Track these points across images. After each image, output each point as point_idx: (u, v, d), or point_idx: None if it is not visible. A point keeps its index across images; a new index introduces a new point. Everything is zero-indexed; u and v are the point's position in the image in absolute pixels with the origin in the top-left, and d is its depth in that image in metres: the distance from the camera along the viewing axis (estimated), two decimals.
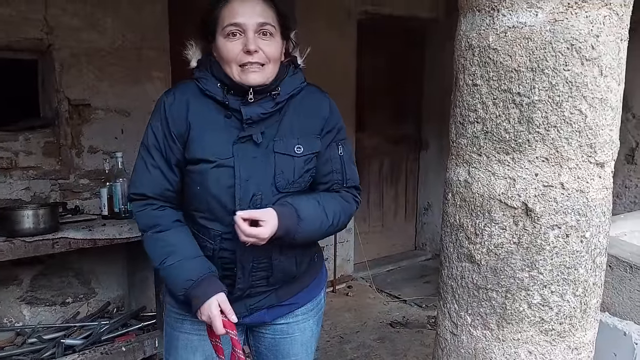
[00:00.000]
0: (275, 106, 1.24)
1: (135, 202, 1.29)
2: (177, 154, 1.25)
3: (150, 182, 1.26)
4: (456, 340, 1.19)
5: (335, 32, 3.56)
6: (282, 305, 1.35)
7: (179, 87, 1.29)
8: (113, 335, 2.51)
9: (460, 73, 1.13)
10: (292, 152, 1.24)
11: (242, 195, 1.21)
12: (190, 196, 1.27)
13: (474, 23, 1.08)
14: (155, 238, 1.26)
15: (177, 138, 1.24)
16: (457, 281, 1.18)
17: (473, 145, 1.11)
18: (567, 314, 1.09)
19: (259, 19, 1.20)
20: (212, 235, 1.25)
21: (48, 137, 2.62)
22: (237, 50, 1.20)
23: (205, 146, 1.22)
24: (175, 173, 1.26)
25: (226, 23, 1.20)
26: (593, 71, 1.00)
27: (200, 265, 1.23)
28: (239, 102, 1.23)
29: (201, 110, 1.24)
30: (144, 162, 1.27)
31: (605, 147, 1.05)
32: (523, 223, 1.06)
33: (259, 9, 1.21)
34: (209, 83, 1.24)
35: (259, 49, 1.19)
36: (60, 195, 2.65)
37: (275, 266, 1.27)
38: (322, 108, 1.31)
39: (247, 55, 1.19)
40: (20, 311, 2.63)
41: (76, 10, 2.57)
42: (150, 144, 1.26)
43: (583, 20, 0.99)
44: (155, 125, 1.26)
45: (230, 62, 1.21)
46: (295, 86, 1.28)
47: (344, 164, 1.33)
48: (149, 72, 2.81)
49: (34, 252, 2.17)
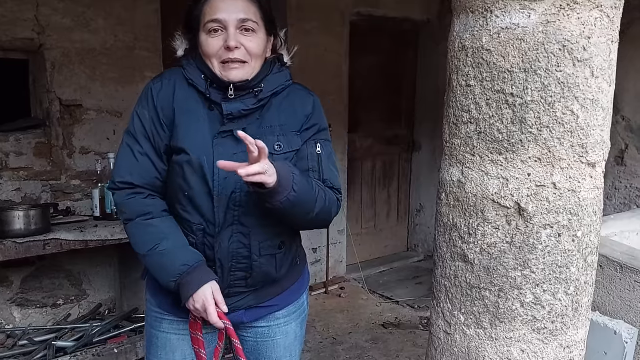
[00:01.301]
0: (257, 103, 1.23)
1: (120, 191, 1.24)
2: (164, 141, 1.23)
3: (139, 170, 1.22)
4: (449, 339, 1.20)
5: (328, 33, 3.57)
6: (261, 306, 1.33)
7: (165, 74, 1.28)
8: (105, 337, 2.49)
9: (453, 74, 1.14)
10: (271, 150, 1.21)
11: (220, 192, 1.19)
12: (173, 187, 1.24)
13: (467, 24, 1.09)
14: (146, 224, 1.22)
15: (165, 124, 1.22)
16: (450, 280, 1.18)
17: (466, 145, 1.12)
18: (559, 313, 1.10)
19: (240, 14, 1.19)
20: (194, 229, 1.23)
21: (39, 137, 2.60)
22: (217, 46, 1.19)
23: (186, 135, 1.21)
24: (163, 161, 1.24)
25: (207, 19, 1.20)
26: (584, 72, 1.01)
27: (193, 253, 1.22)
28: (220, 96, 1.22)
29: (185, 98, 1.23)
30: (130, 149, 1.23)
31: (596, 147, 1.06)
32: (516, 222, 1.07)
33: (240, 4, 1.20)
34: (194, 73, 1.24)
35: (240, 45, 1.19)
36: (51, 196, 2.63)
37: (255, 267, 1.25)
38: (305, 105, 1.30)
39: (227, 52, 1.19)
40: (11, 313, 2.61)
41: (67, 9, 2.56)
42: (137, 130, 1.23)
43: (575, 21, 1.00)
44: (142, 112, 1.24)
45: (212, 58, 1.21)
46: (279, 83, 1.27)
47: (321, 162, 1.28)
48: (142, 72, 2.81)
49: (24, 253, 2.15)
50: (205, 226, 1.22)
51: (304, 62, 3.50)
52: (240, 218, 1.22)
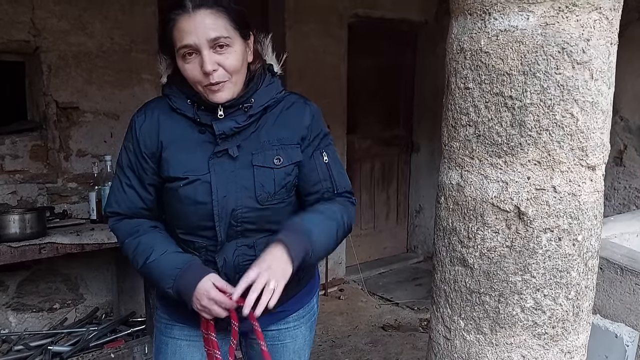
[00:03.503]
0: (248, 119, 1.20)
1: (110, 219, 1.29)
2: (150, 173, 1.23)
3: (125, 201, 1.26)
4: (449, 345, 1.19)
5: (327, 35, 3.56)
6: (273, 312, 1.31)
7: (149, 106, 1.25)
8: (102, 342, 2.48)
9: (452, 76, 1.13)
10: (271, 164, 1.19)
11: (220, 211, 1.18)
12: (171, 213, 1.25)
13: (465, 26, 1.08)
14: (137, 242, 1.23)
15: (149, 157, 1.22)
16: (450, 285, 1.17)
17: (465, 149, 1.11)
18: (560, 318, 1.09)
19: (210, 33, 1.11)
20: (197, 247, 1.23)
21: (35, 140, 2.59)
22: (196, 71, 1.14)
23: (179, 164, 1.19)
24: (149, 192, 1.25)
25: (178, 45, 1.13)
26: (584, 75, 1.00)
27: (184, 256, 1.21)
28: (210, 117, 1.19)
29: (173, 128, 1.21)
30: (119, 181, 1.27)
31: (596, 150, 1.05)
32: (516, 226, 1.06)
33: (208, 21, 1.11)
34: (179, 100, 1.20)
35: (217, 67, 1.13)
36: (47, 199, 2.62)
37: None
38: (303, 117, 1.26)
39: (206, 77, 1.13)
40: (6, 318, 2.59)
41: (64, 12, 2.54)
42: (124, 164, 1.26)
43: (574, 24, 0.99)
44: (127, 145, 1.25)
45: (195, 84, 1.16)
46: (270, 97, 1.22)
47: (330, 170, 1.28)
48: (139, 74, 2.79)
49: (20, 257, 2.13)
50: (208, 244, 1.22)
51: (303, 65, 3.50)
52: (243, 232, 1.21)
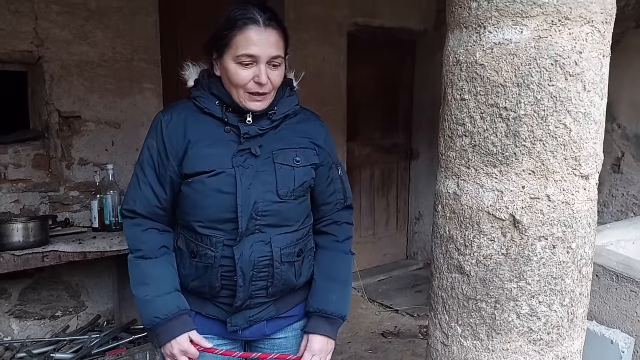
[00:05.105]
0: (271, 123, 1.28)
1: (125, 219, 1.32)
2: (170, 172, 1.27)
3: (141, 198, 1.28)
4: (447, 351, 1.20)
5: (326, 43, 3.60)
6: (282, 317, 1.36)
7: (176, 107, 1.30)
8: (103, 349, 2.49)
9: (448, 87, 1.15)
10: (291, 163, 1.28)
11: (243, 202, 1.22)
12: (190, 206, 1.27)
13: (461, 39, 1.11)
14: (135, 264, 1.29)
15: (172, 156, 1.26)
16: (447, 292, 1.19)
17: (461, 158, 1.13)
18: (555, 324, 1.10)
19: (273, 51, 1.21)
20: (214, 242, 1.25)
21: (38, 149, 2.61)
22: (248, 78, 1.21)
23: (205, 159, 1.24)
24: (165, 191, 1.28)
25: (241, 52, 1.19)
26: (577, 86, 1.03)
27: (173, 304, 1.26)
28: (237, 119, 1.26)
29: (200, 127, 1.26)
30: (137, 178, 1.30)
31: (589, 159, 1.08)
32: (511, 234, 1.08)
33: (273, 39, 1.21)
34: (207, 101, 1.27)
35: (268, 82, 1.22)
36: (50, 207, 2.64)
37: (276, 275, 1.28)
38: (319, 130, 1.37)
39: (257, 86, 1.22)
40: (9, 325, 2.60)
41: (66, 22, 2.58)
42: (144, 160, 1.29)
43: (566, 37, 1.01)
44: (151, 142, 1.28)
45: (238, 88, 1.23)
46: (290, 107, 1.32)
47: (343, 183, 1.41)
48: (140, 83, 2.82)
49: (23, 265, 2.15)
50: (225, 238, 1.25)
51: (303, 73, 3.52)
52: (261, 227, 1.26)
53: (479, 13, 1.06)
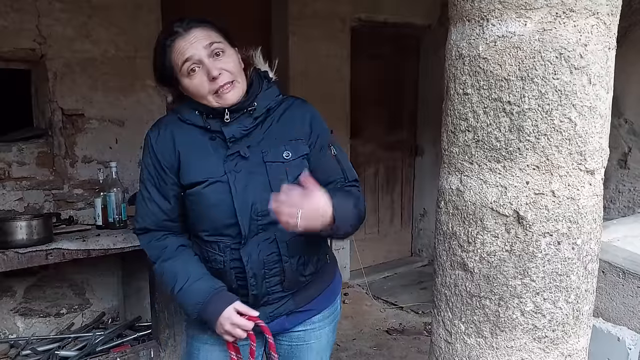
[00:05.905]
0: (254, 121, 1.28)
1: (140, 237, 1.36)
2: (170, 184, 1.30)
3: (149, 215, 1.33)
4: (450, 349, 1.19)
5: (329, 39, 3.58)
6: (301, 311, 1.38)
7: (162, 122, 1.34)
8: (108, 346, 2.49)
9: (451, 82, 1.14)
10: (282, 159, 1.28)
11: (241, 206, 1.24)
12: (194, 218, 1.31)
13: (464, 33, 1.09)
14: (162, 268, 1.32)
15: (168, 169, 1.29)
16: (450, 289, 1.18)
17: (465, 154, 1.11)
18: (560, 321, 1.09)
19: (204, 41, 1.22)
20: (222, 247, 1.28)
21: (42, 147, 2.61)
22: (203, 82, 1.23)
23: (198, 170, 1.27)
24: (170, 203, 1.32)
25: (180, 62, 1.22)
26: (582, 79, 1.01)
27: (206, 285, 1.27)
28: (219, 123, 1.27)
29: (187, 138, 1.29)
30: (142, 197, 1.34)
31: (595, 154, 1.06)
32: (515, 231, 1.06)
33: (200, 35, 1.23)
34: (188, 113, 1.29)
35: (221, 71, 1.22)
36: (54, 205, 2.64)
37: (287, 269, 1.30)
38: (304, 114, 1.34)
39: (214, 82, 1.22)
40: (14, 323, 2.62)
41: (69, 20, 2.58)
42: (145, 179, 1.33)
43: (571, 29, 0.99)
44: (147, 161, 1.32)
45: (205, 96, 1.24)
46: (271, 99, 1.31)
47: (340, 162, 1.37)
48: (143, 80, 2.82)
49: (27, 263, 2.16)
50: (232, 242, 1.27)
51: (306, 69, 3.52)
52: (264, 226, 1.27)
53: (482, 6, 1.04)
